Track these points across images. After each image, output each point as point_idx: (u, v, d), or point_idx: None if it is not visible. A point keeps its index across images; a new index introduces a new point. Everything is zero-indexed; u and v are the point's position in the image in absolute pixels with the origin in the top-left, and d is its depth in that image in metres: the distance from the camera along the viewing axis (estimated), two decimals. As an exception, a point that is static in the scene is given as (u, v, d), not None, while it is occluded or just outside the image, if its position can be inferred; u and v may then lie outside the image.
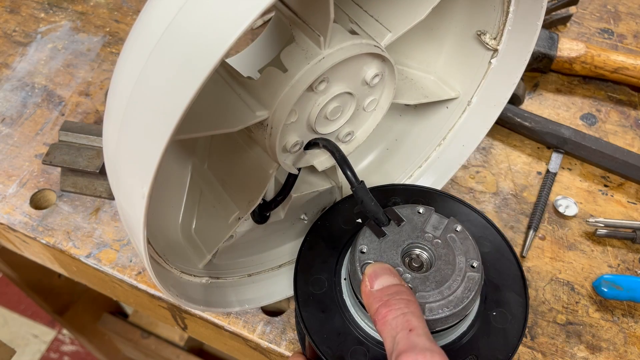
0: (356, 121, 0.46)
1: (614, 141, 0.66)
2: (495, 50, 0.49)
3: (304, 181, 0.50)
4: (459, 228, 0.41)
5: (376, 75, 0.42)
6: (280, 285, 0.52)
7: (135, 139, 0.32)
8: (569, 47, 0.70)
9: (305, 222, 0.54)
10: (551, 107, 0.70)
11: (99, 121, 0.67)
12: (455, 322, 0.38)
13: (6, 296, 1.66)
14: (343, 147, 0.47)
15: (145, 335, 1.30)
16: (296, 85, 0.38)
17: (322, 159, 0.47)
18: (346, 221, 0.47)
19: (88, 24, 0.78)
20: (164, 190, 0.46)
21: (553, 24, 0.76)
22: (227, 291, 0.49)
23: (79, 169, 0.58)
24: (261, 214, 0.48)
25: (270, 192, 0.48)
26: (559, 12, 0.75)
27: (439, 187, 0.56)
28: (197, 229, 0.48)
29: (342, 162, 0.42)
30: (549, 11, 0.74)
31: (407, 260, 0.40)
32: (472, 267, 0.39)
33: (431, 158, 0.57)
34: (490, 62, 0.50)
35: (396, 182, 0.57)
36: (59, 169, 0.61)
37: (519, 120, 0.65)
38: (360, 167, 0.58)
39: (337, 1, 0.38)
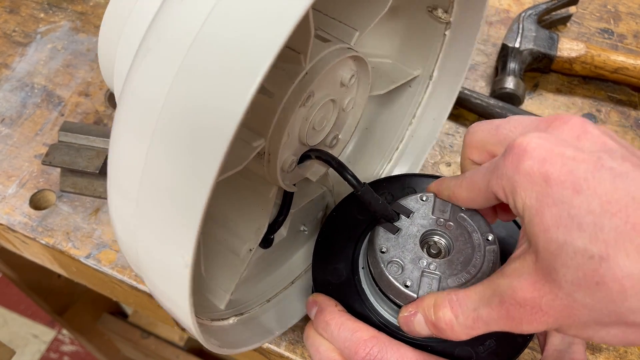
0: (338, 123, 0.46)
1: (614, 141, 0.66)
2: (448, 23, 0.49)
3: (297, 194, 0.50)
4: None
5: (352, 76, 0.42)
6: (301, 301, 0.50)
7: (166, 203, 0.28)
8: (569, 47, 0.70)
9: (306, 232, 0.54)
10: (551, 107, 0.70)
11: (99, 121, 0.67)
12: None
13: (6, 296, 1.66)
14: (332, 152, 0.47)
15: (145, 335, 1.30)
16: (287, 106, 0.37)
17: (313, 169, 0.46)
18: (360, 211, 0.47)
19: (88, 24, 0.77)
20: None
21: (553, 24, 0.76)
22: (255, 323, 0.47)
23: (78, 169, 0.58)
24: (266, 238, 0.47)
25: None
26: (558, 12, 0.75)
27: (419, 165, 0.57)
28: (208, 270, 0.45)
29: (341, 168, 0.42)
30: (549, 11, 0.74)
31: (426, 248, 0.40)
32: (488, 240, 0.39)
33: (405, 138, 0.57)
34: (444, 34, 0.50)
35: (376, 169, 0.58)
36: (59, 170, 0.61)
37: (519, 120, 0.65)
38: None
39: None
